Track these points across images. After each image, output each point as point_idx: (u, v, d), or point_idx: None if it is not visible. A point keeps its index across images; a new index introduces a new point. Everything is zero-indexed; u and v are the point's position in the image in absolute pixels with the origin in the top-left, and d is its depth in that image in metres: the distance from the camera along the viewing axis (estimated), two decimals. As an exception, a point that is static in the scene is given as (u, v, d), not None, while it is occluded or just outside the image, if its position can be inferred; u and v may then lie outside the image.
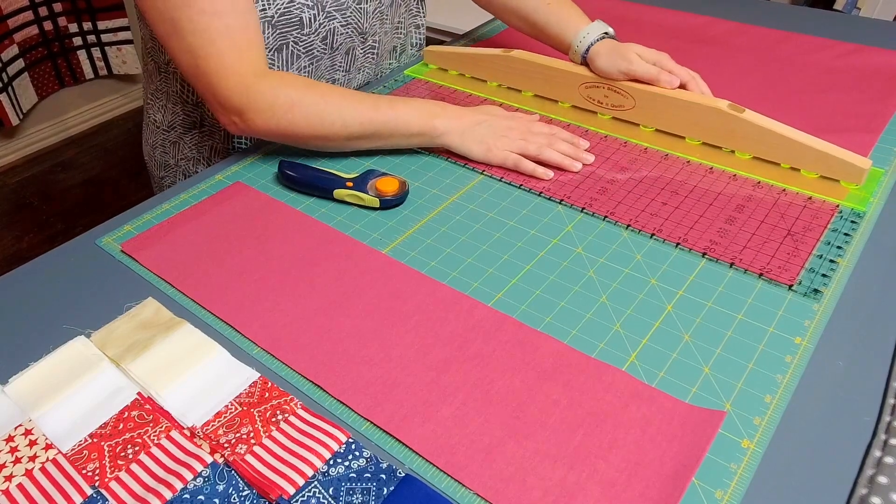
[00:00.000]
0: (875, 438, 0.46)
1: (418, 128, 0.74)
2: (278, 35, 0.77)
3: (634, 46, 0.80)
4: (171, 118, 0.88)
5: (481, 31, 1.11)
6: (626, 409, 0.48)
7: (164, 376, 0.52)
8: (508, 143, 0.75)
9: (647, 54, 0.79)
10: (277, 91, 0.70)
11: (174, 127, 0.89)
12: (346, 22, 0.83)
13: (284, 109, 0.70)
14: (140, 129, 2.44)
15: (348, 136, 0.73)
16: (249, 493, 0.44)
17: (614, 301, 0.58)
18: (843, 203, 0.68)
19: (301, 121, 0.71)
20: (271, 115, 0.70)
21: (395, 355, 0.53)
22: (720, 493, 0.43)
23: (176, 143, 0.90)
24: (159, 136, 0.91)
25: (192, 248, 0.65)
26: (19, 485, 0.45)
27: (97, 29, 2.28)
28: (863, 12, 1.66)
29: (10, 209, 2.07)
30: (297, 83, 0.72)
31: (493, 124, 0.76)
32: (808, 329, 0.55)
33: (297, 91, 0.71)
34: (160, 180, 0.95)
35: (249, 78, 0.70)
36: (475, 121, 0.76)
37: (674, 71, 0.78)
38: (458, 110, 0.76)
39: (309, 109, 0.70)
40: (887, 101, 0.85)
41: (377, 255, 0.63)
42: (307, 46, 0.81)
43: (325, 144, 0.75)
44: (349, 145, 0.75)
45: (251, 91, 0.70)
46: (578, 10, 0.86)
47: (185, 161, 0.91)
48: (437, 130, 0.74)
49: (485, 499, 0.44)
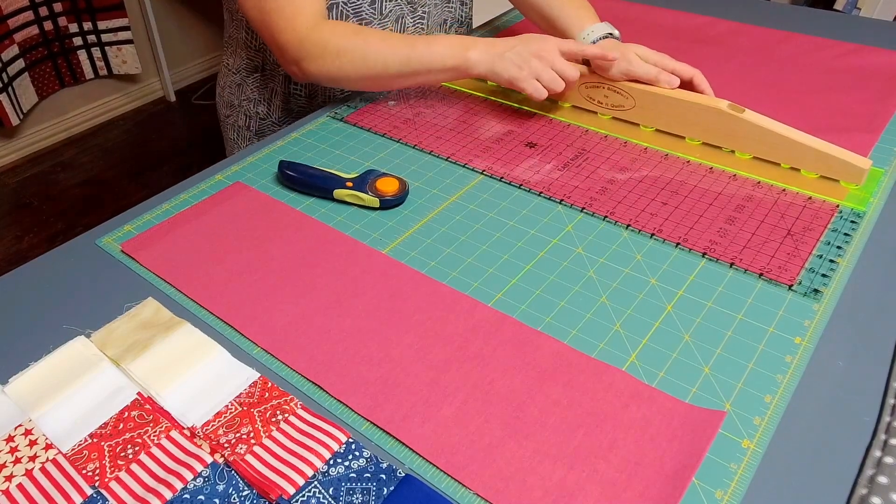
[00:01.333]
0: (875, 438, 0.46)
1: (453, 61, 0.80)
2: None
3: (635, 47, 0.81)
4: (238, 62, 0.99)
5: (493, 25, 1.11)
6: (626, 409, 0.48)
7: (164, 376, 0.52)
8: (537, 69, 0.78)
9: (647, 55, 0.80)
10: (328, 41, 0.79)
11: (239, 70, 0.99)
12: None
13: (333, 56, 0.80)
14: (141, 127, 2.45)
15: (391, 76, 0.81)
16: (249, 493, 0.44)
17: (614, 301, 0.58)
18: (843, 203, 0.68)
19: (348, 65, 0.80)
20: (322, 62, 0.80)
21: (395, 355, 0.53)
22: (720, 493, 0.43)
23: (240, 85, 1.00)
24: (228, 78, 1.02)
25: (192, 248, 0.65)
26: (19, 485, 0.45)
27: (97, 29, 2.28)
28: (863, 12, 1.66)
29: (10, 209, 2.07)
30: (345, 32, 0.80)
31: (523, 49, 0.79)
32: (808, 329, 0.55)
33: (344, 39, 0.79)
34: (225, 118, 1.05)
35: (304, 31, 0.80)
36: (508, 46, 0.79)
37: (676, 70, 0.79)
38: (491, 41, 0.81)
39: (355, 55, 0.79)
40: (887, 101, 0.85)
41: (377, 255, 0.63)
42: (356, 9, 0.87)
43: (373, 85, 0.83)
44: (394, 83, 0.83)
45: (305, 42, 0.80)
46: (590, 10, 0.90)
47: (247, 102, 1.00)
48: (469, 62, 0.80)
49: (485, 499, 0.44)
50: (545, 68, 0.78)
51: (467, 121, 0.84)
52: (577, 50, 0.79)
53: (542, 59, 0.78)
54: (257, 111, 1.00)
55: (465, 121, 0.84)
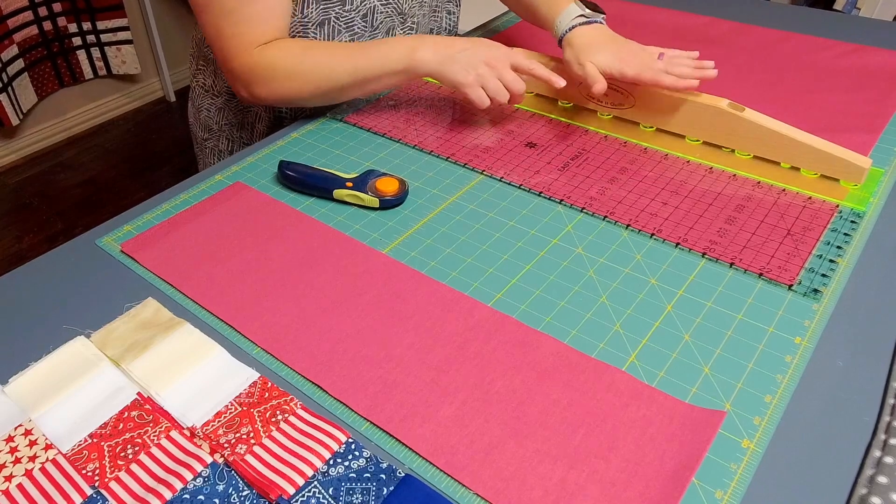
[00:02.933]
0: (875, 438, 0.46)
1: (401, 64, 0.77)
2: (321, 10, 0.82)
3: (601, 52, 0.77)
4: (219, 84, 0.94)
5: (487, 28, 1.11)
6: (626, 409, 0.48)
7: (163, 376, 0.52)
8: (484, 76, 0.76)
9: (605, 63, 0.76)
10: (276, 64, 0.78)
11: (221, 93, 0.95)
12: (387, 2, 0.86)
13: (284, 79, 0.78)
14: (141, 127, 2.45)
15: (342, 88, 0.79)
16: (249, 493, 0.44)
17: (614, 301, 0.58)
18: (842, 203, 0.68)
19: (299, 86, 0.78)
20: (273, 85, 0.79)
21: (395, 355, 0.53)
22: (720, 493, 0.43)
23: (222, 109, 0.96)
24: (206, 100, 0.97)
25: (192, 248, 0.65)
26: (19, 485, 0.45)
27: (97, 29, 2.28)
28: (863, 12, 1.66)
29: (10, 209, 2.07)
30: (293, 52, 0.78)
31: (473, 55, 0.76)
32: (808, 329, 0.55)
33: (293, 60, 0.78)
34: (203, 142, 1.01)
35: (255, 56, 0.78)
36: (459, 47, 0.77)
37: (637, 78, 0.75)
38: (442, 39, 0.78)
39: (305, 75, 0.78)
40: (887, 101, 0.85)
41: (377, 255, 0.63)
42: (348, 22, 0.85)
43: (326, 100, 0.81)
44: (347, 95, 0.81)
45: (255, 68, 0.78)
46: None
47: (227, 126, 0.97)
48: (417, 61, 0.77)
49: (485, 499, 0.44)
50: (492, 77, 0.76)
51: (467, 121, 0.84)
52: (526, 67, 0.77)
53: (491, 68, 0.76)
54: (240, 136, 0.97)
55: (466, 121, 0.84)
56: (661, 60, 0.76)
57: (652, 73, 0.75)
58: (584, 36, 0.79)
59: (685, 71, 0.75)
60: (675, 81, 0.74)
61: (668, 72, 0.75)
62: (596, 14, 0.81)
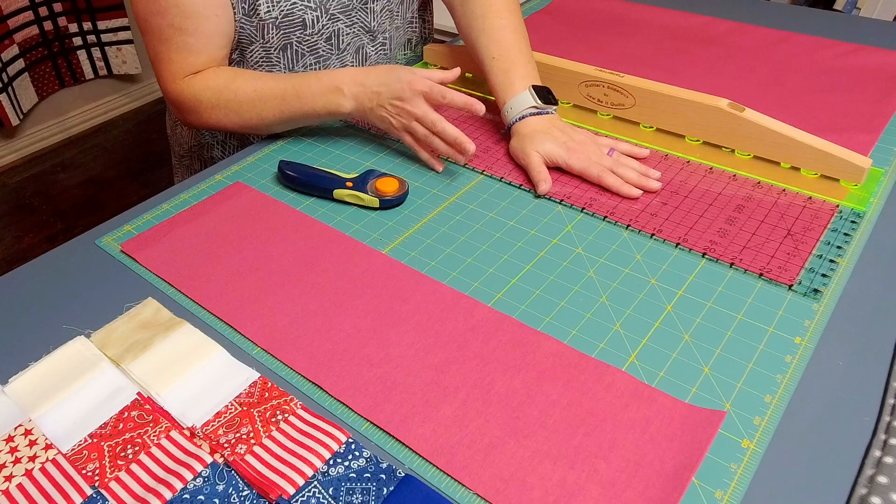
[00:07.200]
0: (875, 438, 0.46)
1: (325, 109, 0.76)
2: (282, 35, 0.81)
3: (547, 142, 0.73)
4: None
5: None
6: (626, 409, 0.48)
7: (163, 376, 0.52)
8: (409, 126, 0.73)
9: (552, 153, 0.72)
10: (200, 96, 0.78)
11: None
12: (352, 23, 0.85)
13: (208, 110, 0.79)
14: (141, 127, 2.45)
15: (269, 125, 0.79)
16: (249, 493, 0.44)
17: (614, 301, 0.58)
18: (842, 203, 0.68)
19: (224, 119, 0.79)
20: (200, 115, 0.80)
21: (395, 355, 0.53)
22: (720, 493, 0.43)
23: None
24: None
25: (192, 248, 0.65)
26: (19, 485, 0.45)
27: (97, 29, 2.28)
28: (863, 12, 1.66)
29: (10, 209, 2.07)
30: (216, 85, 0.78)
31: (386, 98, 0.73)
32: (808, 329, 0.55)
33: (215, 93, 0.78)
34: (181, 158, 1.00)
35: (182, 84, 0.79)
36: (375, 93, 0.73)
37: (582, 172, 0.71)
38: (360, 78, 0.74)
39: (228, 108, 0.78)
40: (887, 101, 0.85)
41: (377, 255, 0.63)
42: (311, 46, 0.84)
43: (256, 132, 0.82)
44: (275, 129, 0.81)
45: (181, 96, 0.79)
46: (520, 71, 0.78)
47: (198, 147, 0.96)
48: (342, 108, 0.75)
49: (485, 499, 0.44)
50: (413, 123, 0.72)
51: (467, 121, 0.84)
52: (439, 96, 0.71)
53: (407, 113, 0.72)
54: (212, 155, 0.96)
55: (465, 121, 0.84)
56: (611, 157, 0.72)
57: (598, 169, 0.70)
58: (531, 125, 0.75)
59: (631, 176, 0.70)
60: (619, 185, 0.69)
61: (615, 171, 0.70)
62: (548, 106, 0.76)
